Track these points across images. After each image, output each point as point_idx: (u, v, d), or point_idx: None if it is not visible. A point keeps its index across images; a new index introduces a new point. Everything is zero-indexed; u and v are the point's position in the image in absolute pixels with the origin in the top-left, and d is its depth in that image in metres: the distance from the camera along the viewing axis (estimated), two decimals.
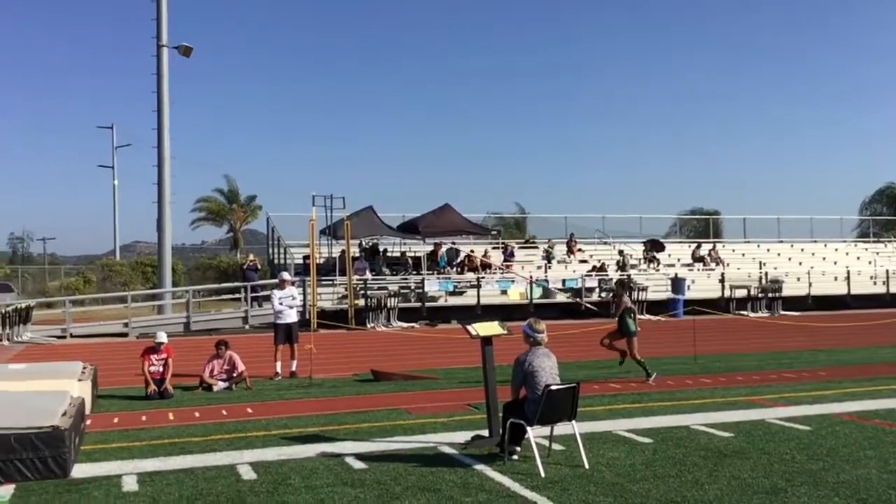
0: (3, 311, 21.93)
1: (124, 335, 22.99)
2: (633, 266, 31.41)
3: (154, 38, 28.54)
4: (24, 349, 19.38)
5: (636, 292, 28.13)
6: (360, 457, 7.45)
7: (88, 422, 9.13)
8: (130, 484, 6.62)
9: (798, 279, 31.92)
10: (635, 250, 33.28)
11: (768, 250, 36.13)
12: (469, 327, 8.00)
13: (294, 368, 13.76)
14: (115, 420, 9.70)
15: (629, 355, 12.62)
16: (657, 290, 29.21)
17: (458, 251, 30.30)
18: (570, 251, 32.69)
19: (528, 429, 6.93)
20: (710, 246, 34.83)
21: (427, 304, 26.43)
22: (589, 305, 26.82)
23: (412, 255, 29.72)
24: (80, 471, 7.03)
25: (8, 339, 20.84)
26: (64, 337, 22.50)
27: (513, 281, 28.53)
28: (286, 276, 15.00)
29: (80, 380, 10.04)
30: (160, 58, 28.39)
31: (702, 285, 30.75)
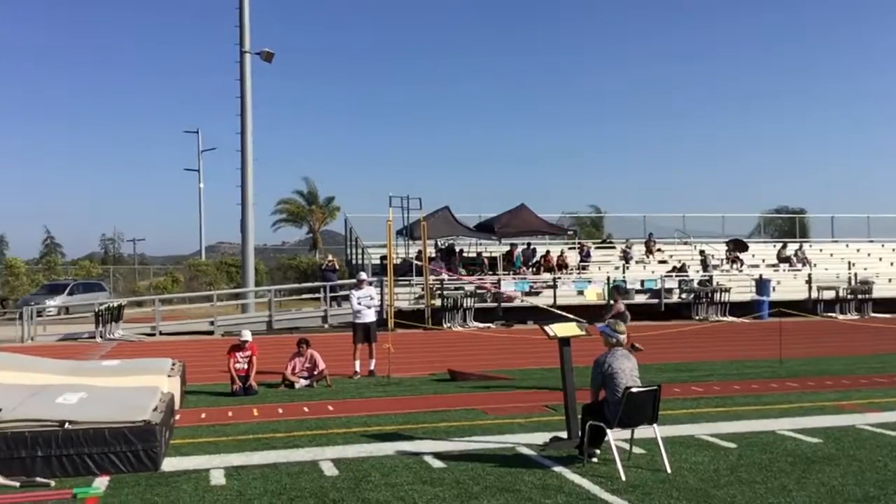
0: (97, 309, 22.94)
1: (210, 333, 23.70)
2: (715, 266, 30.66)
3: (237, 45, 29.32)
4: (116, 346, 20.19)
5: (720, 293, 27.50)
6: (438, 456, 7.51)
7: (178, 417, 9.46)
8: (218, 478, 6.84)
9: (889, 280, 30.59)
10: (717, 250, 32.47)
11: (858, 250, 34.71)
12: (547, 328, 7.97)
13: (372, 367, 13.94)
14: (203, 415, 10.02)
15: None
16: (740, 291, 28.45)
17: (534, 251, 30.15)
18: (648, 251, 32.14)
19: (608, 431, 6.86)
20: (796, 246, 33.70)
21: (503, 305, 26.39)
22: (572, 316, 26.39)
23: (488, 255, 29.72)
24: (169, 464, 7.29)
25: (101, 337, 21.75)
26: (153, 334, 23.35)
27: (589, 281, 28.24)
28: (364, 276, 15.20)
29: (169, 376, 10.41)
30: (243, 63, 29.15)
31: (787, 286, 29.78)
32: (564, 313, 23.78)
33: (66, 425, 6.99)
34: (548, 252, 30.09)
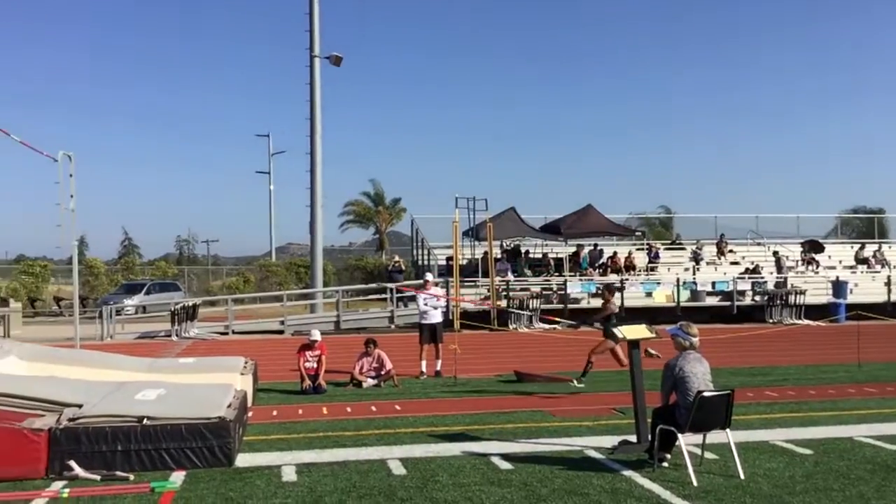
0: (173, 308, 23.64)
1: (280, 332, 24.17)
2: (790, 268, 29.81)
3: (307, 50, 29.83)
4: (191, 344, 20.77)
5: (794, 296, 26.72)
6: (505, 457, 7.51)
7: (250, 414, 9.68)
8: (289, 474, 6.98)
9: None
10: (792, 251, 31.56)
11: None
12: (616, 330, 7.89)
13: (439, 368, 14.00)
14: (274, 413, 10.24)
15: (616, 359, 12.09)
16: (816, 293, 27.58)
17: (601, 252, 29.83)
18: (720, 252, 31.44)
19: (679, 436, 6.75)
20: (874, 247, 32.49)
21: (569, 306, 26.19)
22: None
23: (554, 256, 29.53)
24: (243, 460, 7.47)
25: (177, 335, 22.40)
26: (226, 333, 23.92)
27: (658, 283, 27.79)
28: (430, 277, 15.29)
29: (242, 374, 10.66)
30: (313, 68, 29.63)
31: (866, 288, 28.75)
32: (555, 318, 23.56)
33: (145, 421, 7.24)
34: (615, 253, 29.73)
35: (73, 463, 6.93)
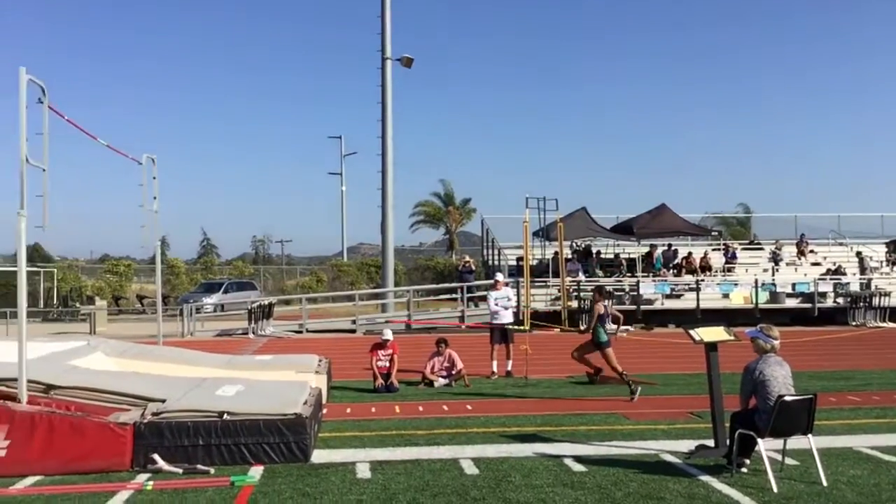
0: (250, 307, 24.22)
1: (352, 331, 24.50)
2: (873, 269, 28.70)
3: (379, 52, 30.15)
4: (266, 342, 21.24)
5: (878, 297, 25.72)
6: (578, 459, 7.44)
7: (325, 411, 9.84)
8: (364, 471, 7.08)
9: None
10: (876, 252, 30.39)
11: None
12: (692, 332, 7.73)
13: (510, 368, 13.97)
14: (348, 410, 10.38)
15: (608, 370, 11.79)
16: None
17: (675, 252, 29.28)
18: (800, 253, 30.50)
19: (759, 441, 6.58)
20: None
21: (642, 307, 25.80)
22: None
23: (626, 256, 29.13)
24: (318, 456, 7.61)
25: (253, 333, 22.95)
26: (300, 332, 24.39)
27: (736, 284, 27.12)
28: (501, 277, 15.25)
29: (316, 372, 10.86)
30: (384, 70, 29.94)
31: None
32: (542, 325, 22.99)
33: (225, 416, 7.44)
34: (690, 254, 29.15)
35: (156, 456, 7.16)
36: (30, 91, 7.89)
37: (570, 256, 27.59)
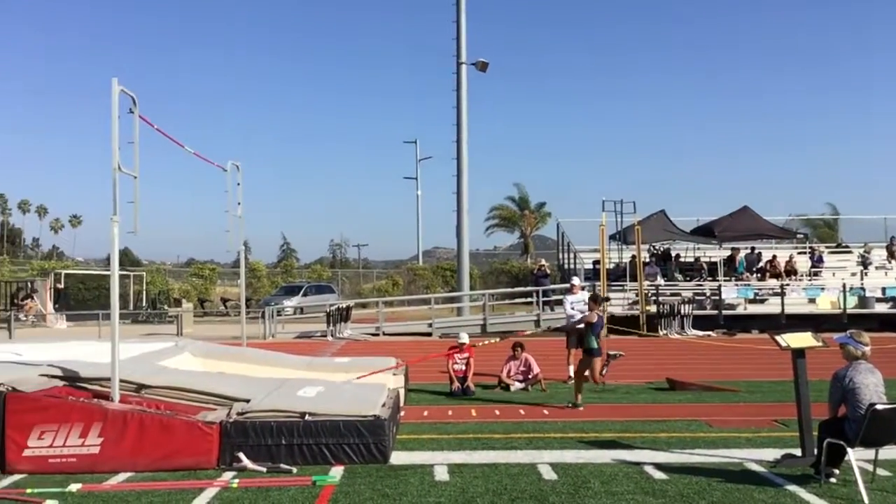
0: (328, 310, 24.65)
1: (428, 335, 24.65)
2: None
3: (454, 56, 30.30)
4: (344, 344, 21.57)
5: None
6: (659, 467, 7.32)
7: (402, 413, 9.95)
8: (441, 473, 7.12)
9: None
10: None
11: None
12: (779, 338, 7.51)
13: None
14: (425, 413, 10.46)
15: (591, 376, 11.21)
16: None
17: (758, 256, 28.48)
18: (891, 256, 29.23)
19: (849, 450, 6.35)
20: None
21: (724, 312, 25.18)
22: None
23: (707, 260, 28.48)
24: (397, 458, 7.69)
25: (332, 335, 23.34)
26: (377, 334, 24.68)
27: (822, 289, 26.20)
28: (577, 281, 15.12)
29: (394, 374, 10.98)
30: (459, 74, 30.06)
31: None
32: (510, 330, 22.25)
33: (307, 417, 7.60)
34: (774, 257, 28.29)
35: (241, 455, 7.37)
36: (121, 101, 8.21)
37: (648, 260, 27.14)
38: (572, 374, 13.73)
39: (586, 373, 11.09)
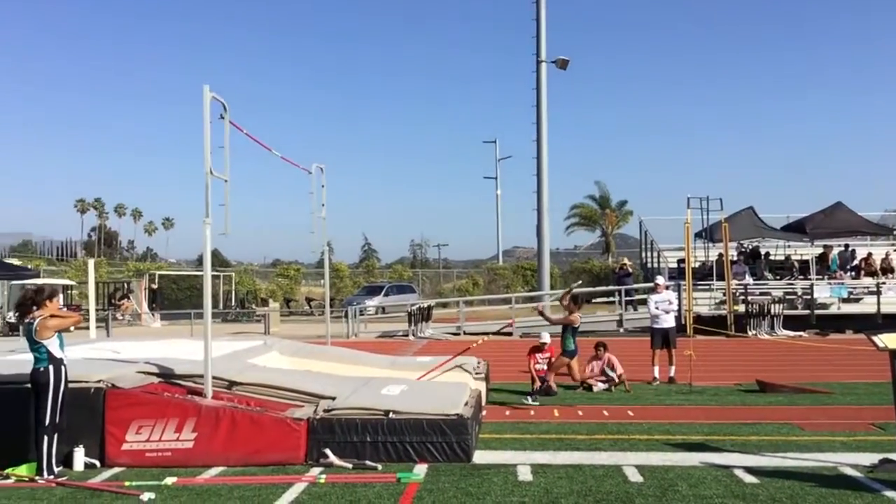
0: (409, 309, 24.90)
1: (508, 334, 24.60)
2: None
3: (534, 55, 30.17)
4: (426, 344, 21.73)
5: None
6: (749, 470, 7.12)
7: (484, 413, 9.97)
8: (525, 474, 7.10)
9: None
10: None
11: None
12: (876, 338, 7.21)
13: (672, 374, 13.56)
14: (507, 413, 10.46)
15: (572, 375, 11.18)
16: None
17: (853, 253, 27.34)
18: None
19: None
20: None
21: (816, 312, 24.28)
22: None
23: (798, 258, 27.50)
24: (479, 457, 7.71)
25: (413, 335, 23.56)
26: (458, 334, 24.78)
27: None
28: (661, 280, 14.83)
29: (476, 373, 11.01)
30: (539, 73, 29.92)
31: None
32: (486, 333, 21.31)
33: (391, 415, 7.70)
34: (869, 254, 27.10)
35: (328, 451, 7.52)
36: (213, 107, 8.49)
37: (735, 258, 26.40)
38: (657, 375, 13.52)
39: (562, 369, 11.17)
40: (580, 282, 20.61)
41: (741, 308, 23.76)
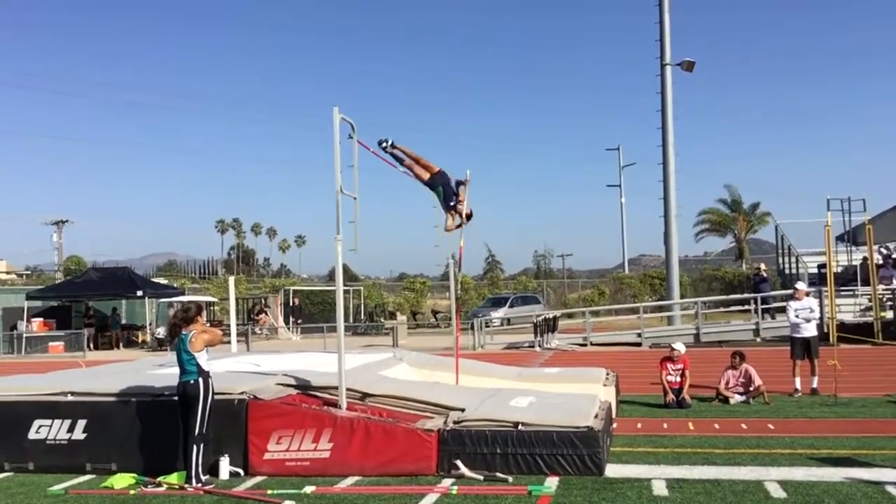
0: (535, 320, 24.80)
1: (637, 345, 24.07)
2: None
3: (658, 59, 29.50)
4: (552, 354, 21.58)
5: None
6: None
7: (615, 425, 9.79)
8: (660, 488, 6.93)
9: None
10: None
11: None
12: None
13: (815, 385, 12.87)
14: (639, 425, 10.23)
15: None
16: None
17: None
18: None
19: None
20: None
21: None
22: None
23: None
24: (611, 470, 7.58)
25: (539, 346, 23.44)
26: (584, 344, 24.45)
27: None
28: (802, 286, 14.12)
29: (604, 385, 10.83)
30: (663, 76, 29.20)
31: None
32: None
33: (520, 426, 7.70)
34: None
35: (459, 462, 7.60)
36: (342, 128, 8.79)
37: (882, 262, 24.79)
38: (798, 386, 12.88)
39: None
40: None
41: (889, 314, 22.31)
